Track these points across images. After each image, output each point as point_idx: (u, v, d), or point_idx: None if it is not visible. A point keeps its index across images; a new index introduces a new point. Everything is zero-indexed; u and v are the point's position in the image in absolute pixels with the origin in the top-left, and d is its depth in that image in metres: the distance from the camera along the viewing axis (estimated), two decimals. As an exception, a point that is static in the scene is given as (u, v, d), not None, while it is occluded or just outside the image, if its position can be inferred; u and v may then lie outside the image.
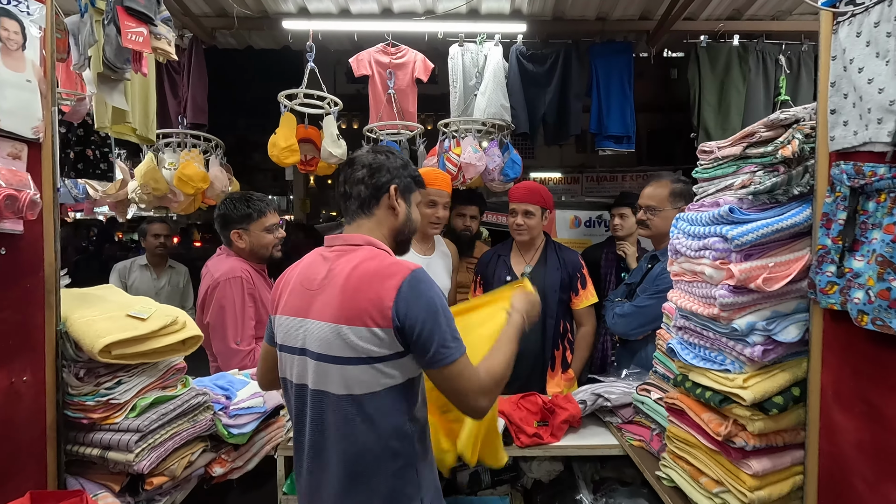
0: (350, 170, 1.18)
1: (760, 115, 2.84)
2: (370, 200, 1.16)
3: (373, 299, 1.01)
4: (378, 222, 1.17)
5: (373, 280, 1.04)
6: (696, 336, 1.30)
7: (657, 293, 2.07)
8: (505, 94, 2.77)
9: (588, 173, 6.83)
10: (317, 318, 1.07)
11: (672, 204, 2.10)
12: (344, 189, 1.19)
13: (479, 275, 2.58)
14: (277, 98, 2.73)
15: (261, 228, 1.96)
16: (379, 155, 1.21)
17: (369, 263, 1.07)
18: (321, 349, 1.06)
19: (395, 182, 1.18)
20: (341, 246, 1.15)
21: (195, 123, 2.90)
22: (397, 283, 1.02)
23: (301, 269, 1.18)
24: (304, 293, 1.11)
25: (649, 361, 2.19)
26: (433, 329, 1.02)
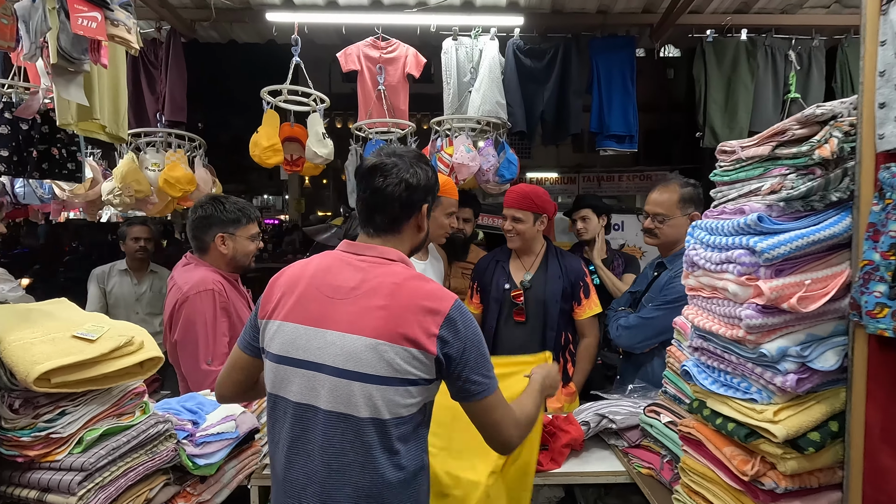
0: (383, 179, 1.07)
1: (769, 114, 2.72)
2: (401, 218, 1.10)
3: (421, 322, 0.98)
4: (403, 239, 1.12)
5: (424, 301, 1.00)
6: (715, 359, 1.16)
7: (665, 304, 1.93)
8: (501, 91, 2.62)
9: (585, 173, 6.77)
10: (346, 330, 0.99)
11: (682, 210, 1.96)
12: (371, 199, 1.09)
13: (477, 281, 2.44)
14: (260, 94, 2.57)
15: (247, 235, 1.82)
16: (418, 169, 1.11)
17: (415, 283, 1.03)
18: (347, 364, 0.98)
19: (427, 202, 1.13)
20: (374, 257, 1.07)
21: (173, 121, 2.74)
22: (446, 310, 0.99)
23: (317, 272, 1.07)
24: (325, 301, 1.03)
25: (655, 376, 2.05)
26: (477, 361, 1.01)
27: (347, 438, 0.98)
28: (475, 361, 1.01)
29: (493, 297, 2.34)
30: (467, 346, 1.00)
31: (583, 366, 2.34)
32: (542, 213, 2.24)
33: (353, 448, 0.98)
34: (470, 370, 1.00)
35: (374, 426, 0.98)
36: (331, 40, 2.99)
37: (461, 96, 2.75)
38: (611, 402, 1.80)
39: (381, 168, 1.09)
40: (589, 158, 6.69)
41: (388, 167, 1.08)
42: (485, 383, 1.01)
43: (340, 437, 0.98)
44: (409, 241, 1.14)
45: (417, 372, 0.98)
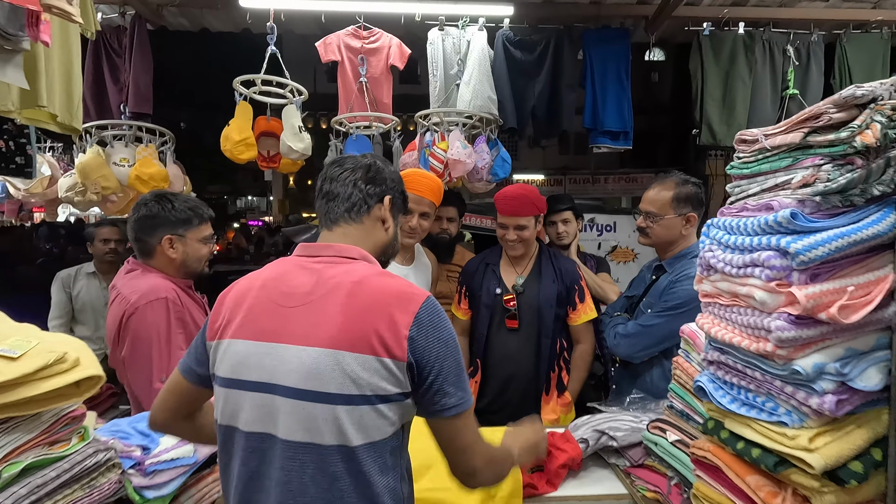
0: (340, 169, 1.03)
1: (767, 111, 2.62)
2: (361, 206, 1.01)
3: (388, 323, 0.85)
4: (366, 232, 1.02)
5: (389, 299, 0.87)
6: (734, 375, 1.03)
7: (667, 310, 1.81)
8: (492, 85, 2.48)
9: (572, 175, 6.76)
10: (300, 342, 0.86)
11: (675, 210, 1.84)
12: (329, 187, 1.02)
13: (465, 285, 2.30)
14: (232, 85, 2.40)
15: (199, 237, 1.64)
16: (377, 161, 1.08)
17: (379, 280, 0.91)
18: (305, 383, 0.84)
19: (391, 194, 1.05)
20: (332, 256, 0.96)
21: (137, 113, 2.55)
22: (415, 309, 0.87)
23: (268, 281, 0.95)
24: (278, 311, 0.90)
25: (654, 387, 1.92)
26: (450, 370, 0.88)
27: (309, 471, 0.84)
28: (450, 370, 0.87)
29: (483, 303, 2.19)
30: (442, 350, 0.87)
31: (578, 374, 2.21)
32: (540, 214, 2.11)
33: (316, 482, 0.84)
34: (444, 379, 0.86)
35: (342, 455, 0.84)
36: (309, 30, 2.82)
37: (448, 89, 2.61)
38: (609, 416, 1.66)
39: (341, 160, 1.05)
40: (575, 160, 6.79)
41: (347, 159, 1.05)
42: (460, 396, 0.88)
43: (301, 469, 0.84)
44: (375, 237, 1.03)
45: (389, 386, 0.84)
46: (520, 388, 2.15)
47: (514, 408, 2.16)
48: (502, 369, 2.16)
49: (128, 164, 2.60)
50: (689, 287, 1.81)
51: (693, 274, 1.84)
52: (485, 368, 2.20)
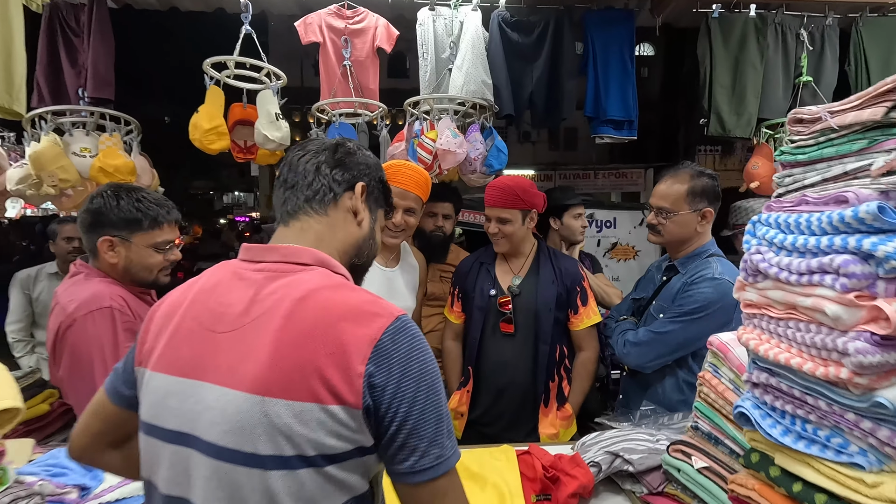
0: (301, 151, 0.86)
1: (779, 99, 2.46)
2: (327, 194, 0.83)
3: (335, 355, 0.64)
4: (331, 228, 0.82)
5: (338, 322, 0.67)
6: (789, 402, 0.86)
7: (681, 316, 1.64)
8: (486, 69, 2.29)
9: (561, 171, 6.69)
10: (225, 382, 0.67)
11: (690, 205, 1.68)
12: (288, 175, 0.84)
13: (458, 287, 2.11)
14: (203, 68, 2.18)
15: (148, 243, 1.41)
16: (349, 142, 0.90)
17: (330, 294, 0.70)
18: (226, 439, 0.65)
19: (364, 181, 0.87)
20: (276, 263, 0.76)
21: (97, 98, 2.31)
22: (376, 334, 0.66)
23: (199, 295, 0.76)
24: (205, 337, 0.71)
25: (666, 398, 1.75)
26: (425, 416, 0.66)
27: None
28: (425, 417, 0.66)
29: (476, 305, 2.01)
30: (411, 390, 0.66)
31: (580, 384, 2.04)
32: (531, 209, 1.93)
33: None
34: (413, 430, 0.66)
35: None
36: (288, 9, 2.60)
37: (439, 74, 2.41)
38: (621, 435, 1.49)
39: (303, 143, 0.88)
40: (565, 156, 6.80)
41: (312, 141, 0.89)
42: (437, 455, 0.67)
43: None
44: (343, 235, 0.83)
45: (338, 442, 0.64)
46: (515, 399, 1.98)
47: (509, 420, 1.99)
48: (496, 378, 1.99)
49: (89, 155, 2.37)
50: (707, 290, 1.66)
51: (710, 275, 1.69)
52: (477, 377, 2.02)
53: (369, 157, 0.91)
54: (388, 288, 1.91)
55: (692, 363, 1.71)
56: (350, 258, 0.86)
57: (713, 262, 1.68)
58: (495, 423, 2.01)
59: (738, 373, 1.09)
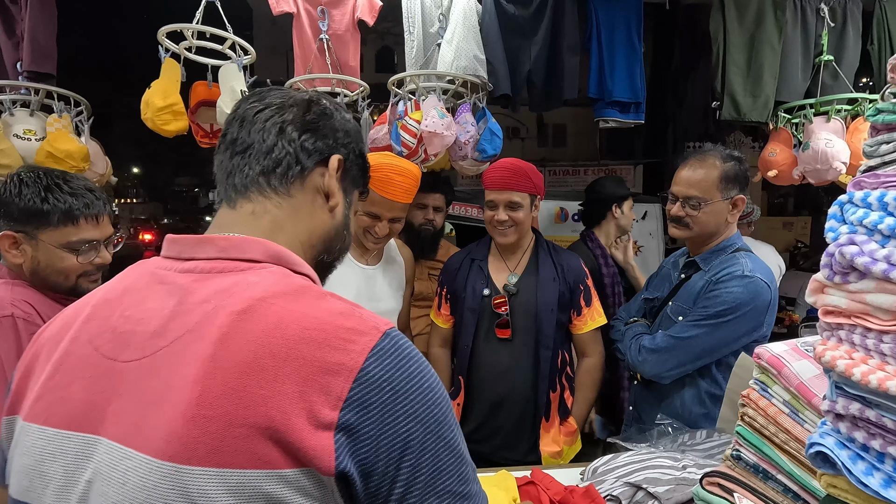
0: (260, 104, 0.65)
1: (797, 80, 2.26)
2: (292, 166, 0.64)
3: (292, 397, 0.46)
4: (294, 213, 0.64)
5: (296, 347, 0.48)
6: (892, 442, 0.64)
7: (706, 319, 1.43)
8: (479, 43, 2.06)
9: (551, 167, 6.61)
10: (127, 439, 0.48)
11: (723, 193, 1.47)
12: (238, 133, 0.64)
13: (446, 286, 1.89)
14: (157, 37, 1.91)
15: (61, 242, 1.16)
16: (323, 99, 0.70)
17: (285, 305, 0.51)
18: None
19: (342, 153, 0.68)
20: (211, 260, 0.57)
21: (35, 73, 2.03)
22: (355, 361, 0.48)
23: (98, 308, 0.57)
24: (102, 370, 0.52)
25: (686, 412, 1.53)
26: (439, 466, 0.49)
27: None
28: (440, 467, 0.49)
29: (467, 307, 1.79)
30: (418, 435, 0.48)
31: (585, 394, 1.83)
32: (537, 194, 1.71)
33: None
34: (430, 491, 0.48)
35: None
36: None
37: (427, 51, 2.17)
38: (640, 460, 1.27)
39: (261, 92, 0.68)
40: (553, 152, 6.64)
41: (271, 91, 0.68)
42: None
43: None
44: (309, 222, 0.65)
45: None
46: (513, 413, 1.76)
47: (506, 436, 1.77)
48: (491, 389, 1.77)
49: (35, 138, 2.10)
50: (736, 289, 1.44)
51: (739, 272, 1.47)
52: (469, 388, 1.80)
53: (349, 122, 0.71)
54: (368, 289, 1.68)
55: (716, 372, 1.50)
56: (317, 254, 0.67)
57: (741, 258, 1.47)
58: (490, 440, 1.79)
59: (797, 394, 0.88)
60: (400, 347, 0.51)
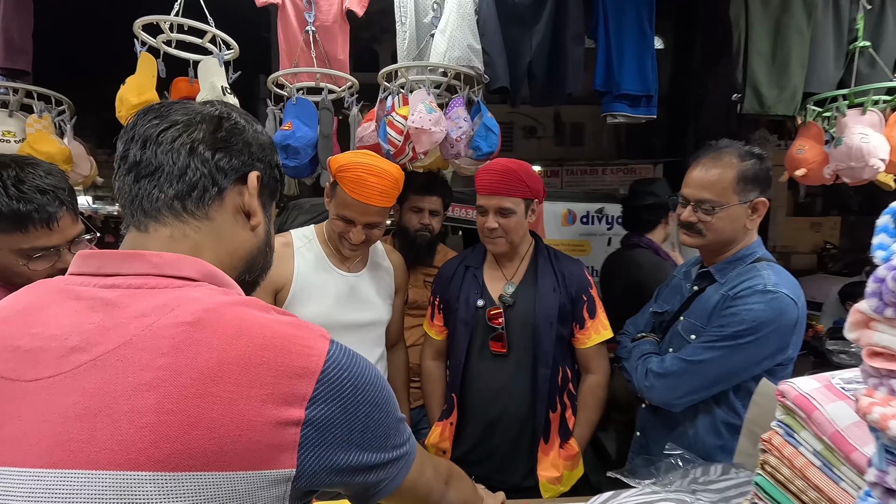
0: (164, 123, 0.61)
1: (829, 69, 2.04)
2: (208, 188, 0.62)
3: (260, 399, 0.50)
4: (215, 236, 0.63)
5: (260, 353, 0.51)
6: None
7: (722, 340, 1.26)
8: (475, 33, 1.91)
9: (568, 167, 6.50)
10: (46, 460, 0.46)
11: (740, 195, 1.30)
12: (141, 155, 0.61)
13: (439, 296, 1.75)
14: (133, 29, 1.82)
15: (11, 248, 1.07)
16: (233, 112, 0.68)
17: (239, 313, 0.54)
18: None
19: (258, 168, 0.67)
20: (141, 276, 0.56)
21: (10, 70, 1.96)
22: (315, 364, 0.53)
23: None
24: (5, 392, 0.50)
25: (699, 443, 1.35)
26: (378, 453, 0.60)
27: None
28: (377, 454, 0.60)
29: (460, 319, 1.65)
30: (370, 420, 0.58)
31: (587, 415, 1.67)
32: (534, 199, 1.56)
33: None
34: (367, 471, 0.59)
35: None
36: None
37: (420, 43, 2.03)
38: (645, 502, 1.11)
39: (162, 108, 0.64)
40: (571, 152, 6.46)
41: (173, 106, 0.64)
42: (396, 466, 0.63)
43: None
44: (230, 248, 0.65)
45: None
46: (509, 434, 1.62)
47: (502, 459, 1.63)
48: (486, 408, 1.63)
49: (14, 140, 2.04)
50: (757, 306, 1.25)
51: (761, 286, 1.27)
52: (462, 406, 1.66)
53: (261, 135, 0.70)
54: (351, 297, 1.55)
55: (734, 399, 1.33)
56: (238, 275, 0.67)
57: (763, 270, 1.29)
58: (485, 463, 1.65)
59: (832, 446, 0.71)
60: (346, 351, 0.58)
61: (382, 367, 1.66)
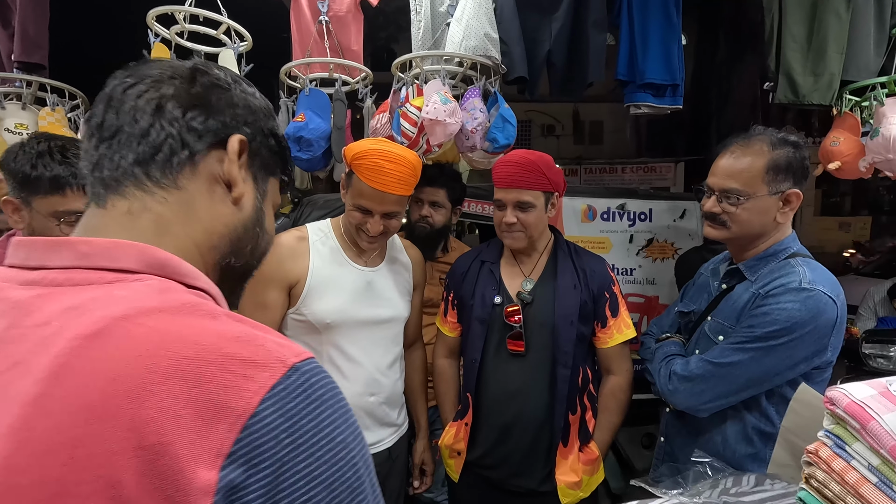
0: (132, 79, 0.52)
1: (869, 55, 1.92)
2: (176, 151, 0.51)
3: (149, 451, 0.35)
4: (184, 209, 0.52)
5: (162, 384, 0.37)
6: None
7: (752, 341, 1.17)
8: (492, 21, 1.84)
9: (587, 165, 6.39)
10: None
11: (770, 186, 1.21)
12: (104, 116, 0.52)
13: (453, 291, 1.69)
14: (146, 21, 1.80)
15: (48, 211, 1.15)
16: (214, 68, 0.57)
17: (156, 325, 0.40)
18: None
19: (245, 132, 0.56)
20: (65, 270, 0.45)
21: (26, 63, 1.96)
22: (245, 404, 0.38)
23: None
24: None
25: (729, 451, 1.26)
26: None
27: None
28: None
29: (476, 317, 1.59)
30: (296, 483, 0.38)
31: (609, 418, 1.60)
32: (554, 192, 1.49)
33: None
34: None
35: None
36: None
37: (435, 32, 1.98)
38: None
39: (134, 67, 0.54)
40: (590, 150, 6.42)
41: (146, 64, 0.55)
42: None
43: None
44: (206, 225, 0.53)
45: None
46: (526, 437, 1.55)
47: (519, 463, 1.56)
48: (502, 410, 1.56)
49: (26, 132, 2.05)
50: (792, 305, 1.15)
51: (795, 283, 1.16)
52: (478, 408, 1.60)
53: (252, 97, 0.58)
54: (368, 293, 1.49)
55: (766, 405, 1.24)
56: (221, 257, 0.56)
57: (797, 266, 1.20)
58: (501, 467, 1.59)
59: (891, 460, 0.64)
60: (312, 387, 0.41)
61: (400, 368, 1.60)
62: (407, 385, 1.66)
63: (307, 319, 1.40)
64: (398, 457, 1.60)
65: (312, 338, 1.42)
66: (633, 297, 2.75)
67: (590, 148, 6.38)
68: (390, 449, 1.55)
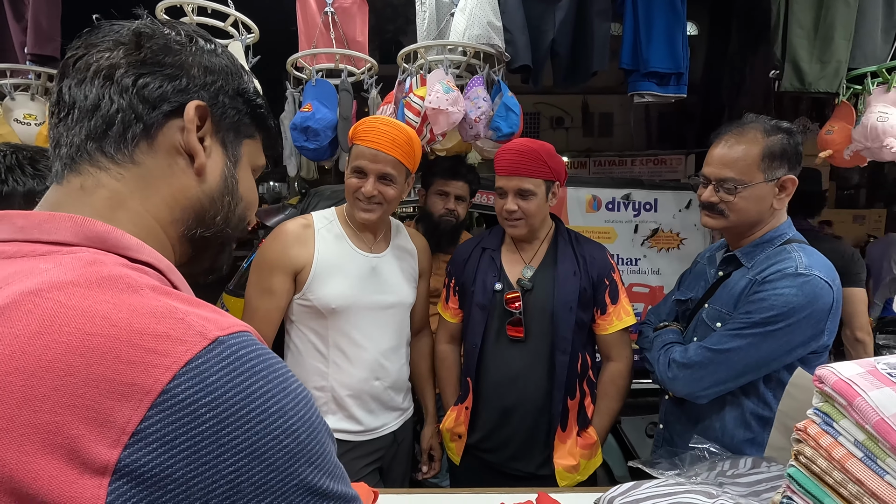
0: (81, 50, 0.50)
1: (876, 43, 1.90)
2: (129, 126, 0.49)
3: (49, 433, 0.33)
4: (141, 184, 0.50)
5: (61, 360, 0.34)
6: None
7: (749, 327, 1.18)
8: (495, 10, 1.85)
9: (596, 157, 6.32)
10: None
11: (766, 173, 1.21)
12: (58, 91, 0.50)
13: (454, 278, 1.71)
14: (155, 13, 1.83)
15: None
16: (165, 28, 0.53)
17: (68, 299, 0.37)
18: None
19: (203, 96, 0.53)
20: (8, 241, 0.43)
21: (39, 56, 2.01)
22: (155, 383, 0.35)
23: None
24: None
25: (727, 436, 1.28)
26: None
27: None
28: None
29: (476, 303, 1.61)
30: (242, 481, 0.37)
31: (607, 404, 1.62)
32: (556, 181, 1.50)
33: None
34: None
35: None
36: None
37: (440, 23, 1.99)
38: (667, 492, 1.06)
39: (87, 34, 0.51)
40: (599, 143, 6.47)
41: (99, 31, 0.51)
42: None
43: None
44: (166, 199, 0.52)
45: None
46: (525, 422, 1.58)
47: (518, 447, 1.59)
48: (502, 394, 1.59)
49: (35, 123, 2.09)
50: (788, 290, 1.16)
51: (791, 269, 1.14)
52: (478, 392, 1.62)
53: (212, 55, 0.55)
54: (373, 278, 1.51)
55: (764, 390, 1.25)
56: (186, 229, 0.54)
57: (794, 251, 1.21)
58: (500, 450, 1.62)
59: (876, 435, 0.65)
60: (240, 359, 0.38)
61: (405, 353, 1.63)
62: (414, 372, 1.69)
63: (313, 305, 1.42)
64: (403, 440, 1.63)
65: (318, 323, 1.45)
66: (638, 287, 2.75)
67: (599, 140, 6.47)
68: (395, 432, 1.58)
